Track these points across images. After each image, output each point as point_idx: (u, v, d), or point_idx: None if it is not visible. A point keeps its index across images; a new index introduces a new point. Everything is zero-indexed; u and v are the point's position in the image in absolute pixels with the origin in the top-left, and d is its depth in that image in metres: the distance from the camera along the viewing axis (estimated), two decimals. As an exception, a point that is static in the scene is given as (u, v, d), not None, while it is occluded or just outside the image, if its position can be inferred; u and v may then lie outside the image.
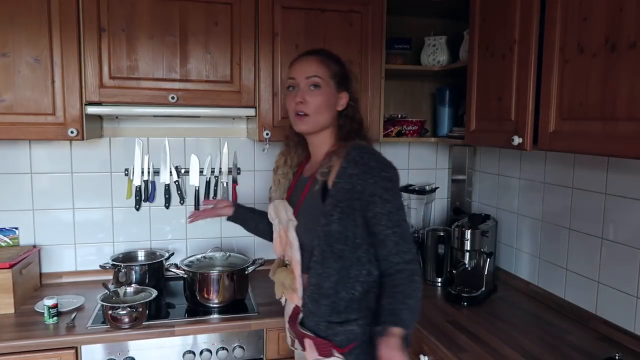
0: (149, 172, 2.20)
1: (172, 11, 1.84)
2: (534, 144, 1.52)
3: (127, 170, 2.19)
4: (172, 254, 2.19)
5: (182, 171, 2.25)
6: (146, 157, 2.20)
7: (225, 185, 2.28)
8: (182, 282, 1.96)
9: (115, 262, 2.01)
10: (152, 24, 1.83)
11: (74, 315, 1.76)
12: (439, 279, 2.21)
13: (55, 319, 1.71)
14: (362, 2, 2.01)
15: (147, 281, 1.99)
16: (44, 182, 2.12)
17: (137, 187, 2.19)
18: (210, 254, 2.07)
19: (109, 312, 1.66)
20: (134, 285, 1.89)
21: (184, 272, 1.90)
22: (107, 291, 1.77)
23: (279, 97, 1.98)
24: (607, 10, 1.23)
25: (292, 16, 1.96)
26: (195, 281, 1.88)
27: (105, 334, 1.66)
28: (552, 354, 1.50)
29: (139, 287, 1.86)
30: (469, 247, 1.98)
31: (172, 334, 1.72)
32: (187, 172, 2.25)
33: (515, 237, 2.14)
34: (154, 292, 1.78)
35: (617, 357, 1.35)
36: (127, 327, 1.67)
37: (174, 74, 1.88)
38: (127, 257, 2.14)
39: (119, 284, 1.95)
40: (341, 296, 1.33)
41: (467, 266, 2.00)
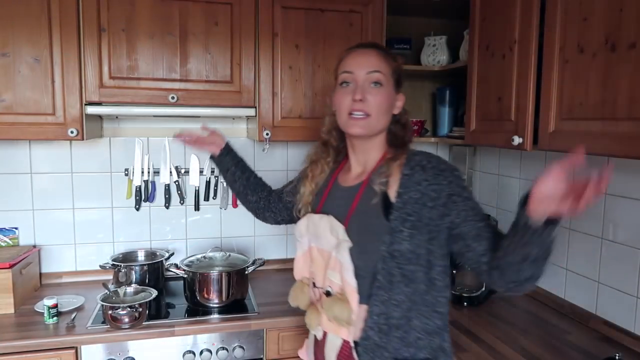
0: (149, 172, 2.20)
1: (172, 11, 1.85)
2: (534, 144, 1.52)
3: (127, 170, 2.19)
4: (172, 254, 2.19)
5: (182, 171, 2.25)
6: (146, 157, 2.20)
7: (225, 185, 2.28)
8: (182, 282, 1.96)
9: (115, 262, 2.01)
10: (152, 24, 1.83)
11: (74, 315, 1.76)
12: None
13: (55, 319, 1.71)
14: (362, 2, 2.01)
15: (147, 281, 1.99)
16: (44, 182, 2.12)
17: (137, 187, 2.19)
18: (210, 254, 2.07)
19: (109, 312, 1.66)
20: (134, 285, 1.89)
21: (184, 272, 1.90)
22: (107, 291, 1.77)
23: (279, 97, 1.98)
24: (607, 10, 1.23)
25: (292, 16, 1.96)
26: (195, 281, 1.88)
27: (105, 334, 1.66)
28: (552, 354, 1.50)
29: (139, 287, 1.86)
30: (469, 247, 1.97)
31: (172, 334, 1.72)
32: (187, 172, 2.25)
33: (515, 237, 2.14)
34: (154, 292, 1.78)
35: (617, 357, 1.35)
36: (127, 327, 1.67)
37: (174, 74, 1.88)
38: (127, 257, 2.13)
39: (119, 284, 1.95)
40: (414, 325, 1.16)
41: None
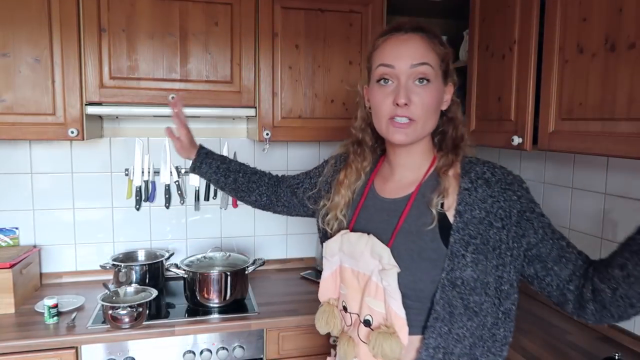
0: (149, 172, 2.20)
1: (172, 11, 1.85)
2: (534, 144, 1.53)
3: (127, 170, 2.19)
4: (172, 254, 2.19)
5: (182, 171, 2.24)
6: (146, 157, 2.20)
7: (225, 185, 2.28)
8: (182, 282, 1.96)
9: (115, 262, 2.01)
10: (152, 24, 1.84)
11: (74, 315, 1.76)
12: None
13: (55, 318, 1.72)
14: (362, 2, 2.02)
15: (147, 281, 1.99)
16: (44, 182, 2.12)
17: (137, 187, 2.19)
18: (210, 254, 2.07)
19: (109, 312, 1.66)
20: (134, 285, 1.89)
21: (184, 272, 1.90)
22: (107, 291, 1.77)
23: (279, 97, 1.98)
24: (606, 10, 1.23)
25: (292, 16, 1.96)
26: (195, 281, 1.88)
27: (105, 333, 1.66)
28: (552, 354, 1.51)
29: (139, 287, 1.86)
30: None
31: (172, 334, 1.72)
32: (187, 172, 2.25)
33: (515, 237, 2.14)
34: (154, 292, 1.78)
35: (617, 357, 1.35)
36: (127, 327, 1.67)
37: (174, 74, 1.88)
38: (127, 257, 2.14)
39: (119, 283, 1.96)
40: None
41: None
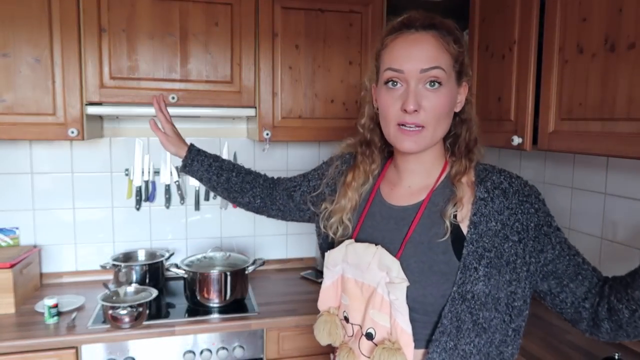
0: (149, 172, 2.20)
1: (172, 11, 1.85)
2: (534, 144, 1.53)
3: (127, 170, 2.19)
4: (172, 254, 2.19)
5: (182, 171, 2.25)
6: (146, 157, 2.20)
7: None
8: (182, 282, 1.96)
9: (115, 262, 2.01)
10: (153, 24, 1.84)
11: (74, 315, 1.76)
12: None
13: (55, 318, 1.72)
14: (362, 2, 2.02)
15: (147, 281, 1.99)
16: (44, 182, 2.12)
17: (137, 187, 2.19)
18: (210, 254, 2.07)
19: (110, 312, 1.67)
20: (134, 285, 1.89)
21: (184, 272, 1.90)
22: (107, 291, 1.77)
23: (279, 97, 1.98)
24: (606, 10, 1.23)
25: (292, 16, 1.96)
26: (195, 281, 1.88)
27: (105, 333, 1.66)
28: (552, 354, 1.51)
29: (139, 286, 1.86)
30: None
31: (173, 334, 1.72)
32: (186, 172, 2.25)
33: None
34: (154, 292, 1.78)
35: (617, 357, 1.35)
36: (127, 327, 1.68)
37: (174, 74, 1.88)
38: (128, 257, 2.14)
39: (119, 283, 1.96)
40: None
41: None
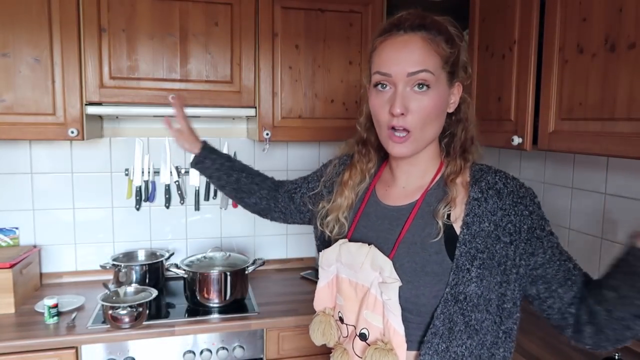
0: (149, 172, 2.20)
1: (172, 11, 1.85)
2: (534, 144, 1.53)
3: (127, 170, 2.19)
4: (172, 254, 2.19)
5: (182, 171, 2.25)
6: (146, 157, 2.20)
7: (225, 185, 2.28)
8: (182, 282, 1.96)
9: (115, 262, 2.01)
10: (152, 24, 1.84)
11: (74, 315, 1.76)
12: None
13: (55, 318, 1.72)
14: (362, 2, 2.02)
15: (147, 281, 1.99)
16: (44, 182, 2.12)
17: (137, 187, 2.19)
18: (210, 254, 2.07)
19: (109, 312, 1.66)
20: (134, 285, 1.89)
21: (184, 272, 1.90)
22: (107, 291, 1.77)
23: (279, 97, 1.98)
24: (606, 10, 1.23)
25: (292, 16, 1.96)
26: (195, 281, 1.88)
27: (105, 333, 1.66)
28: (552, 354, 1.51)
29: (139, 287, 1.86)
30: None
31: (172, 334, 1.72)
32: (187, 172, 2.25)
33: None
34: (154, 292, 1.78)
35: (617, 357, 1.35)
36: (127, 327, 1.68)
37: (174, 74, 1.88)
38: (128, 257, 2.14)
39: (119, 283, 1.96)
40: None
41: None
